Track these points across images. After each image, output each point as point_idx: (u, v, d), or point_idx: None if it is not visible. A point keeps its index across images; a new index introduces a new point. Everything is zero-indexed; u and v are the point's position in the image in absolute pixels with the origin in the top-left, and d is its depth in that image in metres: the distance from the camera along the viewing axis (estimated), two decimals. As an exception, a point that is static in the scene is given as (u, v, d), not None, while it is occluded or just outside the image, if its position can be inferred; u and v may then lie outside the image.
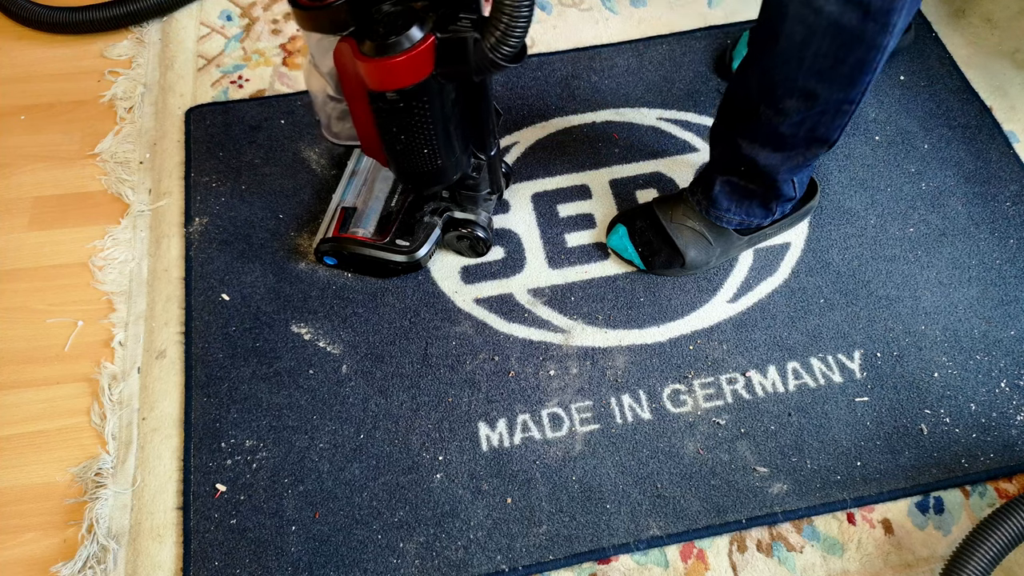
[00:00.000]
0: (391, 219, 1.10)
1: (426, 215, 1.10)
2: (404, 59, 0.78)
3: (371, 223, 1.10)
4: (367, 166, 1.15)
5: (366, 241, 1.09)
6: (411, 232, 1.09)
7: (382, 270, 1.12)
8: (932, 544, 0.97)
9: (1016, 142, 1.25)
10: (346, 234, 1.09)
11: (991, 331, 1.09)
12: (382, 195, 1.12)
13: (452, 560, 0.95)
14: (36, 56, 1.37)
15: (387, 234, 1.09)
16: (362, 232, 1.09)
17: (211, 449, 1.01)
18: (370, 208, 1.11)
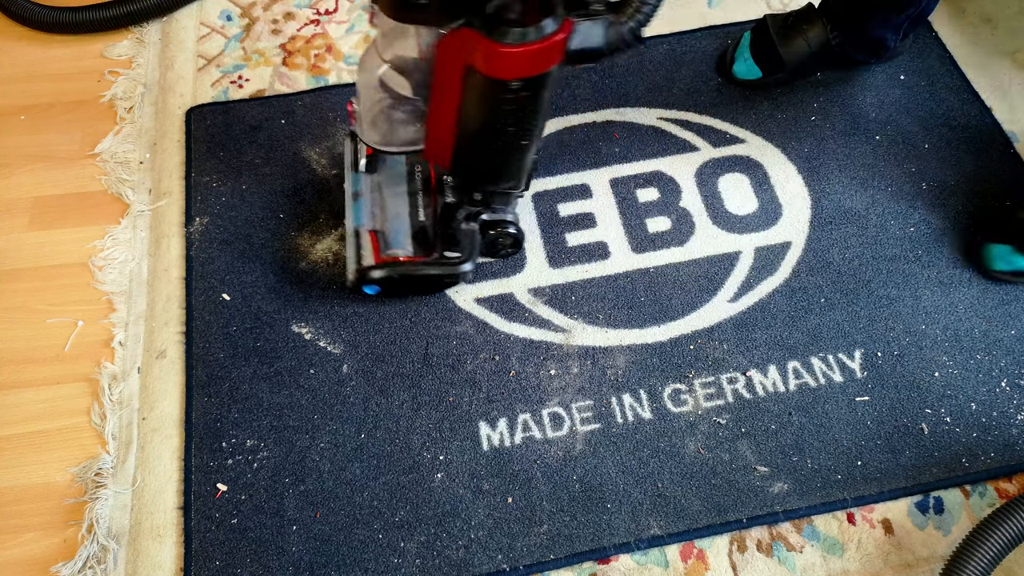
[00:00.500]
0: (427, 234, 1.07)
1: (461, 223, 1.06)
2: (547, 45, 0.77)
3: (406, 242, 1.06)
4: (368, 187, 1.10)
5: (416, 261, 1.05)
6: (453, 243, 1.06)
7: (432, 287, 1.10)
8: (932, 544, 0.97)
9: (1016, 142, 1.25)
10: (387, 257, 1.05)
11: (991, 330, 1.09)
12: (403, 212, 1.08)
13: (453, 559, 0.95)
14: (36, 56, 1.37)
15: (434, 249, 1.06)
16: (402, 253, 1.05)
17: (212, 449, 1.01)
18: (396, 228, 1.07)
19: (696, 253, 1.16)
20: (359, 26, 1.40)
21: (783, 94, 1.29)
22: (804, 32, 1.23)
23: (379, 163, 1.11)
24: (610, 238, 1.17)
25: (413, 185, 1.10)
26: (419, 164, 1.11)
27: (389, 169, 1.11)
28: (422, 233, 1.07)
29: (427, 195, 1.09)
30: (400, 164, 1.11)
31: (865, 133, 1.26)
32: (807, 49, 1.23)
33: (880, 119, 1.27)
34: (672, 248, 1.16)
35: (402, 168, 1.11)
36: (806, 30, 1.23)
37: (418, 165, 1.11)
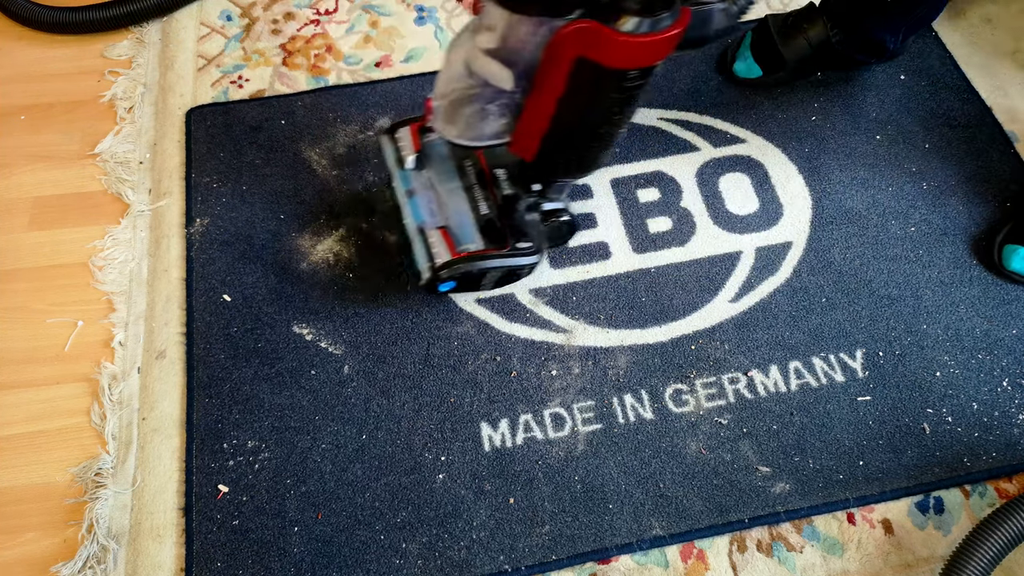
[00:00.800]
0: (493, 227, 1.06)
1: (524, 213, 1.06)
2: (669, 35, 0.77)
3: (475, 236, 1.05)
4: (422, 184, 1.08)
5: (492, 253, 1.04)
6: (521, 234, 1.05)
7: (506, 279, 1.10)
8: (932, 544, 0.97)
9: (1016, 142, 1.25)
10: (463, 252, 1.03)
11: (993, 330, 1.09)
12: (463, 207, 1.07)
13: (455, 560, 0.95)
14: (36, 56, 1.37)
15: (503, 241, 1.05)
16: (473, 247, 1.04)
17: (213, 450, 1.01)
18: (460, 223, 1.06)
19: (697, 253, 1.16)
20: (359, 26, 1.40)
21: (783, 94, 1.30)
22: (805, 31, 1.23)
23: (427, 160, 1.10)
24: (611, 238, 1.17)
25: (467, 180, 1.09)
26: (468, 159, 1.10)
27: (438, 165, 1.10)
28: (489, 226, 1.06)
29: (484, 188, 1.08)
30: (448, 160, 1.10)
31: (866, 133, 1.26)
32: (807, 48, 1.23)
33: (881, 119, 1.27)
34: (673, 248, 1.16)
35: (450, 164, 1.10)
36: (807, 29, 1.23)
37: (467, 160, 1.10)
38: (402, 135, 1.09)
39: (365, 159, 1.24)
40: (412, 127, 1.09)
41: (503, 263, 1.05)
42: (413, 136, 1.08)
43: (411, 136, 1.09)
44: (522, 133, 0.92)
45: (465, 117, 0.93)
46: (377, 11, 1.42)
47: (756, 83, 1.29)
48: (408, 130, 1.09)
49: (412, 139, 1.08)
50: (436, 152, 1.10)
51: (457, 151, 1.10)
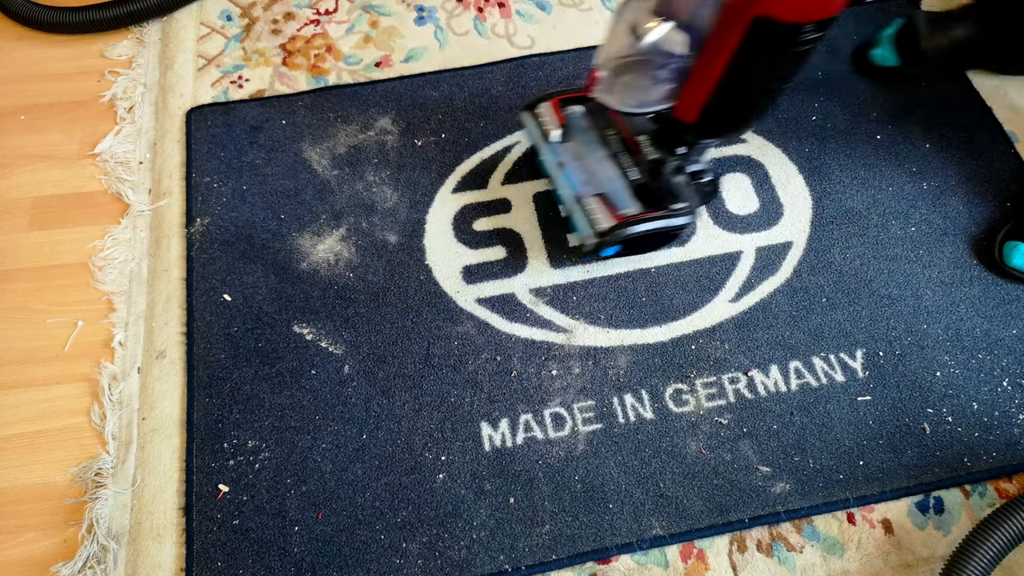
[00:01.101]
0: (646, 191, 1.09)
1: (671, 176, 1.08)
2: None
3: (630, 201, 1.08)
4: (569, 155, 1.12)
5: (653, 215, 1.06)
6: (674, 195, 1.07)
7: (663, 240, 1.13)
8: (932, 544, 0.97)
9: (1017, 142, 1.25)
10: (623, 216, 1.06)
11: (993, 330, 1.09)
12: (613, 174, 1.10)
13: (455, 560, 0.95)
14: (36, 56, 1.37)
15: (658, 204, 1.07)
16: (632, 211, 1.07)
17: (213, 449, 1.01)
18: (614, 189, 1.09)
19: (697, 253, 1.16)
20: (359, 26, 1.40)
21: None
22: (950, 29, 1.24)
23: (570, 132, 1.13)
24: (611, 238, 1.17)
25: (612, 148, 1.12)
26: (610, 128, 1.13)
27: (581, 137, 1.14)
28: (642, 190, 1.09)
29: (630, 155, 1.11)
30: (591, 131, 1.14)
31: (866, 133, 1.26)
32: (948, 45, 1.24)
33: (881, 119, 1.27)
34: (673, 248, 1.16)
35: (593, 134, 1.13)
36: (953, 27, 1.24)
37: (609, 129, 1.13)
38: (543, 110, 1.14)
39: (366, 159, 1.24)
40: (552, 102, 1.15)
41: (663, 224, 1.07)
42: (555, 110, 1.14)
43: (553, 111, 1.14)
44: (688, 96, 0.94)
45: (634, 85, 0.95)
46: (377, 11, 1.42)
47: (890, 74, 1.29)
48: (549, 105, 1.14)
49: (554, 113, 1.13)
50: (578, 124, 1.14)
51: (599, 121, 1.14)
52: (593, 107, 1.15)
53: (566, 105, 1.15)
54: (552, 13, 1.41)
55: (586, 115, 1.15)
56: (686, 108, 0.95)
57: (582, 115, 1.15)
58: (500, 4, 1.42)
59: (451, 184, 1.22)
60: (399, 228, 1.18)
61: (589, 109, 1.15)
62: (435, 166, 1.23)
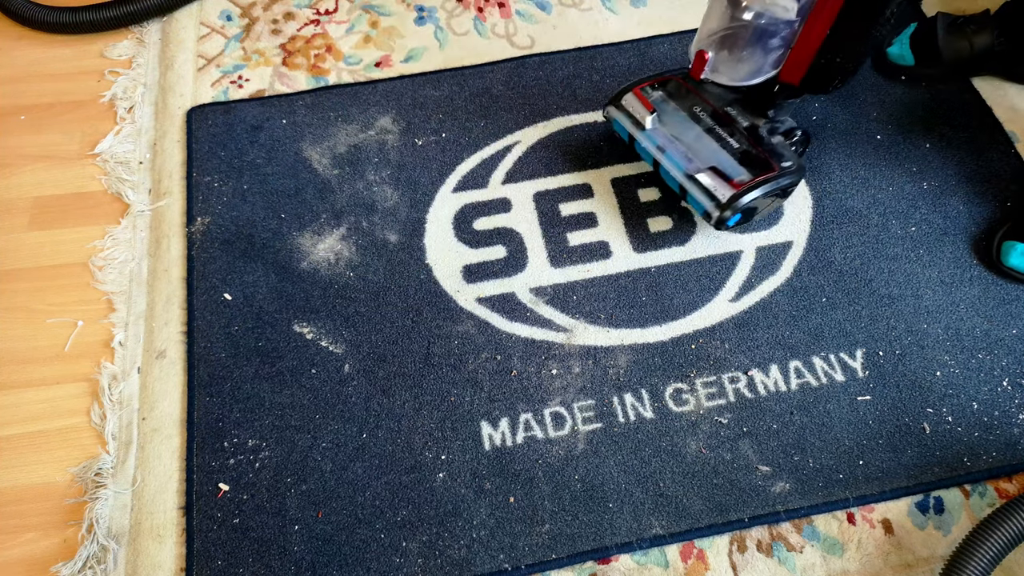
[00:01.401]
0: (752, 156, 1.10)
1: (768, 136, 1.11)
2: None
3: (740, 169, 1.09)
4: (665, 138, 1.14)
5: (767, 178, 1.08)
6: (778, 156, 1.10)
7: (775, 204, 1.16)
8: (932, 544, 0.97)
9: (1017, 142, 1.25)
10: (740, 184, 1.08)
11: (993, 330, 1.09)
12: (715, 146, 1.11)
13: (455, 559, 0.95)
14: (36, 56, 1.37)
15: (765, 167, 1.09)
16: (747, 178, 1.08)
17: (214, 448, 1.01)
18: (721, 160, 1.10)
19: (697, 253, 1.16)
20: (359, 26, 1.40)
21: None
22: (971, 34, 1.25)
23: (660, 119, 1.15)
24: (611, 237, 1.17)
25: (705, 123, 1.14)
26: (695, 105, 1.15)
27: (671, 119, 1.15)
28: (747, 157, 1.10)
29: (724, 126, 1.13)
30: (679, 111, 1.15)
31: (866, 132, 1.26)
32: (968, 51, 1.25)
33: (881, 118, 1.27)
34: (673, 247, 1.16)
35: (682, 114, 1.15)
36: (973, 33, 1.25)
37: (695, 106, 1.15)
38: (629, 101, 1.16)
39: (366, 158, 1.24)
40: (635, 91, 1.17)
41: (778, 184, 1.09)
42: (640, 99, 1.16)
43: (638, 99, 1.16)
44: (795, 58, 0.98)
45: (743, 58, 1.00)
46: (377, 11, 1.42)
47: (904, 72, 1.30)
48: (633, 95, 1.17)
49: (641, 102, 1.16)
50: (664, 107, 1.16)
51: (683, 102, 1.16)
52: (673, 89, 1.17)
53: (651, 90, 1.17)
54: (552, 13, 1.42)
55: (668, 98, 1.17)
56: (793, 70, 0.99)
57: (665, 98, 1.17)
58: (500, 4, 1.42)
59: (451, 183, 1.22)
60: (399, 227, 1.18)
61: (669, 92, 1.17)
62: (435, 165, 1.24)
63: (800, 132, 1.15)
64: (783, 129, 1.14)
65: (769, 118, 1.13)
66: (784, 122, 1.14)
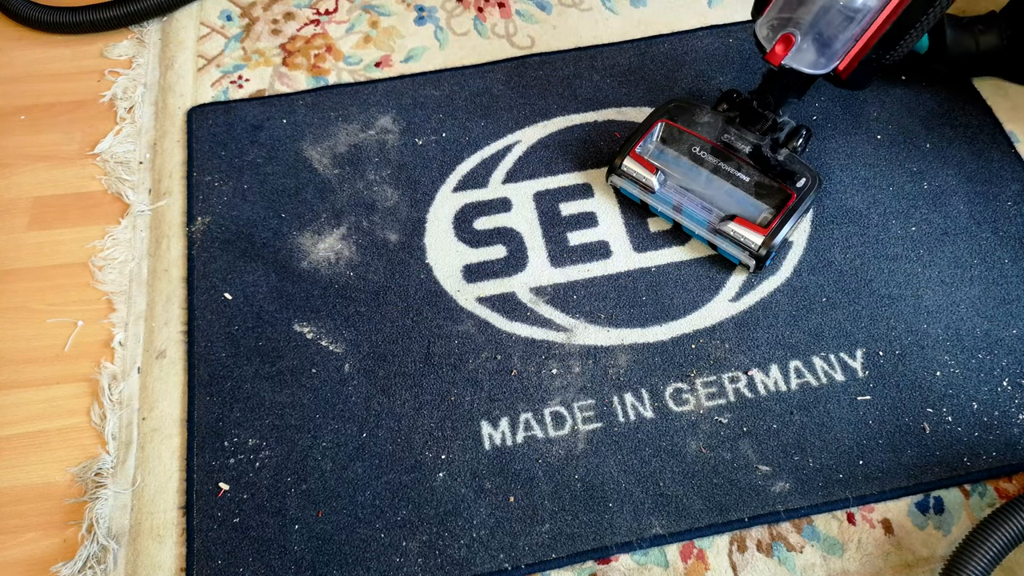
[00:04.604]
0: (766, 187, 1.10)
1: (773, 156, 1.10)
2: None
3: (759, 205, 1.10)
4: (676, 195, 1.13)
5: (789, 208, 1.08)
6: (789, 175, 1.10)
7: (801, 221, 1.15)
8: (932, 544, 0.97)
9: (1017, 142, 1.25)
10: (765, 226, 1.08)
11: (993, 330, 1.09)
12: (727, 187, 1.11)
13: (455, 558, 0.95)
14: (36, 56, 1.37)
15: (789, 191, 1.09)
16: (768, 214, 1.09)
17: (214, 448, 1.01)
18: (739, 202, 1.11)
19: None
20: (359, 26, 1.40)
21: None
22: (978, 33, 1.24)
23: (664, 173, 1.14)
24: (611, 237, 1.17)
25: (708, 164, 1.13)
26: (693, 145, 1.14)
27: (675, 169, 1.14)
28: (761, 188, 1.10)
29: (727, 160, 1.12)
30: (680, 158, 1.14)
31: (866, 132, 1.26)
32: (974, 48, 1.25)
33: (881, 118, 1.27)
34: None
35: (685, 160, 1.14)
36: (981, 32, 1.24)
37: (693, 147, 1.14)
38: (629, 167, 1.14)
39: (367, 158, 1.24)
40: (632, 154, 1.14)
41: (802, 209, 1.10)
42: (640, 161, 1.14)
43: (638, 162, 1.14)
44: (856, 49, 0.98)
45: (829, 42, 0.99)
46: (377, 11, 1.42)
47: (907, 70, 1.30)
48: (631, 160, 1.14)
49: (642, 164, 1.13)
50: (666, 159, 1.15)
51: (679, 145, 1.14)
52: (665, 135, 1.16)
53: (644, 147, 1.15)
54: (552, 13, 1.42)
55: (664, 145, 1.16)
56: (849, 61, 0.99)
57: (661, 148, 1.16)
58: (500, 4, 1.42)
59: (452, 183, 1.22)
60: (400, 227, 1.18)
61: (663, 139, 1.16)
62: (436, 165, 1.24)
63: (804, 130, 1.14)
64: (786, 134, 1.13)
65: (771, 126, 1.12)
66: (786, 124, 1.13)
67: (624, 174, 1.15)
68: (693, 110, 1.16)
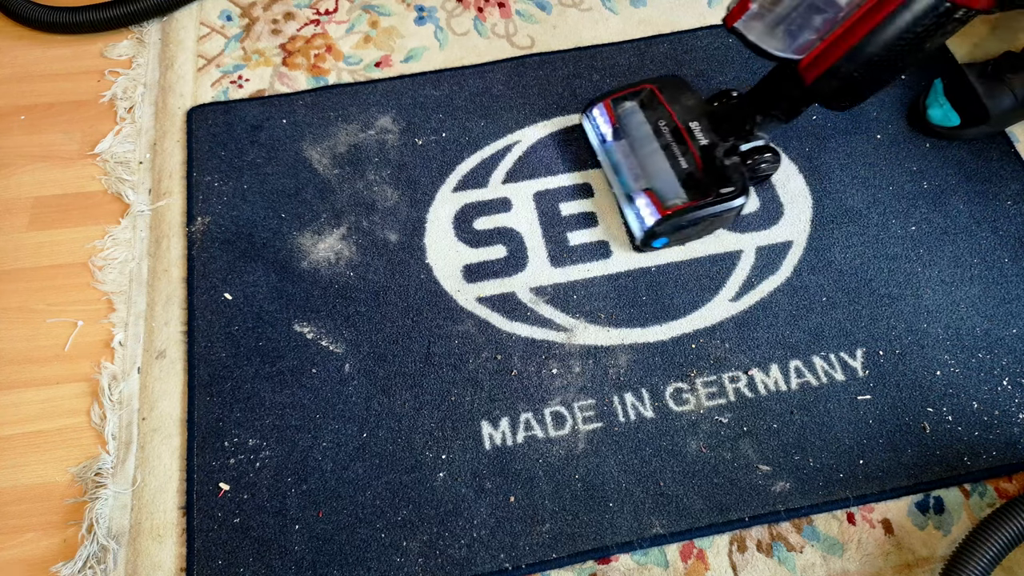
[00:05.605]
0: (696, 178, 1.10)
1: (725, 159, 1.10)
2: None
3: (679, 191, 1.10)
4: (622, 153, 1.16)
5: (699, 203, 1.08)
6: (724, 180, 1.09)
7: (713, 227, 1.14)
8: (932, 544, 0.97)
9: (1017, 142, 1.25)
10: (670, 208, 1.09)
11: (993, 329, 1.09)
12: (664, 165, 1.12)
13: (455, 558, 0.95)
14: (36, 56, 1.37)
15: (707, 191, 1.09)
16: (680, 201, 1.09)
17: (214, 448, 1.01)
18: (664, 181, 1.11)
19: (697, 252, 1.16)
20: (359, 26, 1.40)
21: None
22: (1009, 81, 1.19)
23: (623, 128, 1.17)
24: (611, 237, 1.17)
25: (663, 139, 1.14)
26: (661, 118, 1.15)
27: (635, 131, 1.16)
28: (691, 179, 1.11)
29: (680, 144, 1.13)
30: (644, 124, 1.16)
31: (866, 132, 1.26)
32: (1013, 100, 1.19)
33: (881, 118, 1.27)
34: (673, 247, 1.16)
35: (646, 127, 1.16)
36: (1011, 80, 1.19)
37: (660, 119, 1.15)
38: (596, 113, 1.19)
39: (367, 158, 1.24)
40: (605, 103, 1.19)
41: (708, 212, 1.09)
42: (608, 111, 1.18)
43: (606, 112, 1.19)
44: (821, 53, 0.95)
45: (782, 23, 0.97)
46: (377, 11, 1.42)
47: (952, 133, 1.24)
48: (602, 107, 1.19)
49: (608, 114, 1.18)
50: (632, 119, 1.17)
51: (652, 114, 1.16)
52: (646, 99, 1.18)
53: (621, 102, 1.18)
54: (552, 13, 1.42)
55: (640, 108, 1.18)
56: (813, 65, 0.96)
57: (635, 109, 1.18)
58: (500, 4, 1.42)
59: (452, 183, 1.22)
60: (400, 227, 1.18)
61: (642, 102, 1.18)
62: (436, 165, 1.24)
63: (768, 152, 1.13)
64: (750, 148, 1.12)
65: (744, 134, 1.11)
66: (757, 139, 1.13)
67: (590, 116, 1.20)
68: (683, 91, 1.17)
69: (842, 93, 0.98)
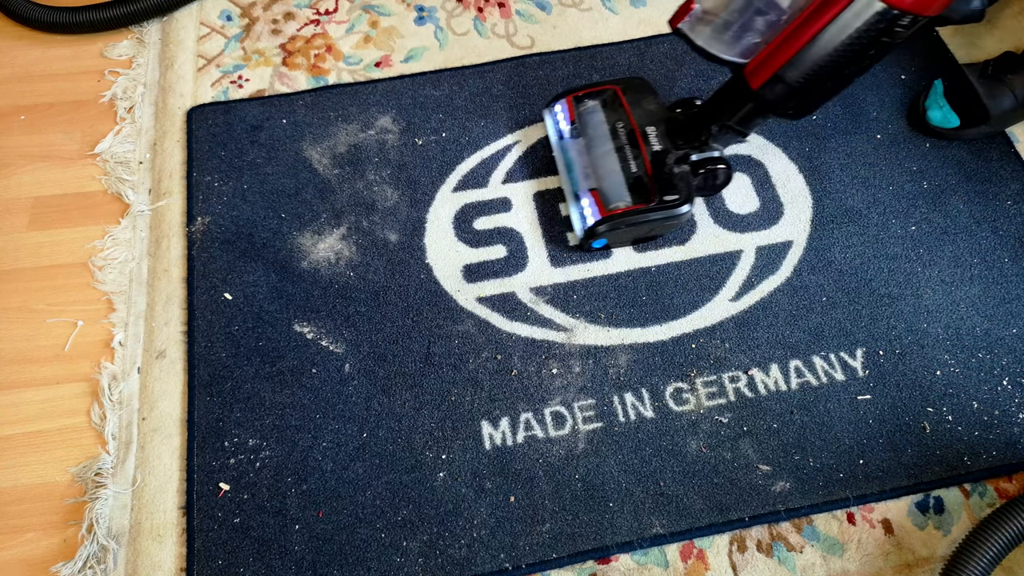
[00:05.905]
0: (643, 183, 1.11)
1: (673, 167, 1.10)
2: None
3: (624, 194, 1.10)
4: (577, 151, 1.17)
5: (640, 208, 1.08)
6: (669, 187, 1.09)
7: (654, 232, 1.14)
8: (932, 544, 0.97)
9: (1017, 142, 1.25)
10: (611, 211, 1.09)
11: (993, 329, 1.09)
12: (615, 167, 1.12)
13: (455, 558, 0.95)
14: (36, 56, 1.37)
15: (653, 196, 1.09)
16: (623, 204, 1.09)
17: (214, 448, 1.01)
18: (612, 182, 1.11)
19: (697, 252, 1.16)
20: (359, 26, 1.40)
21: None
22: (1009, 82, 1.19)
23: (582, 127, 1.17)
24: (611, 237, 1.17)
25: (618, 140, 1.14)
26: (620, 120, 1.16)
27: (592, 130, 1.16)
28: (638, 183, 1.11)
29: (634, 147, 1.13)
30: (602, 123, 1.16)
31: (866, 132, 1.26)
32: (1014, 101, 1.19)
33: (881, 118, 1.27)
34: (673, 247, 1.16)
35: (604, 127, 1.16)
36: (1011, 80, 1.19)
37: (619, 121, 1.16)
38: (560, 108, 1.20)
39: (367, 158, 1.24)
40: (568, 99, 1.20)
41: (649, 217, 1.09)
42: (569, 108, 1.19)
43: (567, 108, 1.19)
44: (766, 57, 0.95)
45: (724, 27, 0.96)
46: (377, 11, 1.42)
47: (952, 134, 1.24)
48: (564, 103, 1.20)
49: (569, 111, 1.19)
50: (592, 118, 1.17)
51: (612, 114, 1.17)
52: (608, 99, 1.18)
53: (583, 100, 1.18)
54: (552, 13, 1.42)
55: (602, 108, 1.18)
56: (758, 70, 0.95)
57: (596, 108, 1.18)
58: (500, 4, 1.42)
59: (452, 183, 1.22)
60: (400, 227, 1.18)
61: (604, 101, 1.18)
62: (436, 165, 1.24)
63: (721, 167, 1.12)
64: (696, 160, 1.11)
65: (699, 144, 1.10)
66: (704, 152, 1.11)
67: (552, 112, 1.21)
68: (646, 95, 1.17)
69: (789, 100, 0.97)
